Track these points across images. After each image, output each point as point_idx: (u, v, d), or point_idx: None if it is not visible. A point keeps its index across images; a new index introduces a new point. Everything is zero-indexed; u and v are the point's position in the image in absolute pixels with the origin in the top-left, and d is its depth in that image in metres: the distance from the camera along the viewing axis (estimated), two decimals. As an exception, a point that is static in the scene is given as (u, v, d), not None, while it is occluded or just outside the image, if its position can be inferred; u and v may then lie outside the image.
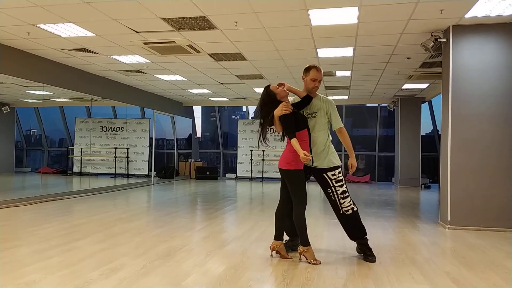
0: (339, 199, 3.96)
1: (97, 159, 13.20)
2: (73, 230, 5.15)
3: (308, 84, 4.09)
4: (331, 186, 3.98)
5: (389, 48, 6.93)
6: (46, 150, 14.43)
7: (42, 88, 8.49)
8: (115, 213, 6.62)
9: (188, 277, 3.36)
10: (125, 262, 3.75)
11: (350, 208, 3.96)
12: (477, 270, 3.67)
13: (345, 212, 3.97)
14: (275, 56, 7.53)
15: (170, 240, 4.67)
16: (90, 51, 7.47)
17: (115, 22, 5.76)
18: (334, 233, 5.12)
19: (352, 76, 9.35)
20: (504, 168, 5.53)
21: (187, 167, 14.93)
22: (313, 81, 4.06)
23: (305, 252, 3.81)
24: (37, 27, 6.03)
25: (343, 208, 3.97)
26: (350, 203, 3.97)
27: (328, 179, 3.99)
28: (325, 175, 3.99)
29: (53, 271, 3.45)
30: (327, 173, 3.99)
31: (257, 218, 6.33)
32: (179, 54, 7.48)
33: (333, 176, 3.99)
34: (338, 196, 3.97)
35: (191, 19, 5.60)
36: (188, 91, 12.13)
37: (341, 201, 3.96)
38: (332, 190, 3.98)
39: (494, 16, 5.30)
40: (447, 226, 5.62)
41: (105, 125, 13.34)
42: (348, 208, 3.96)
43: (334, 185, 3.97)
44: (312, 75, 4.05)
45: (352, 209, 3.97)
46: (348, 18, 5.50)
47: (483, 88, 5.62)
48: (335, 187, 3.97)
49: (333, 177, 3.98)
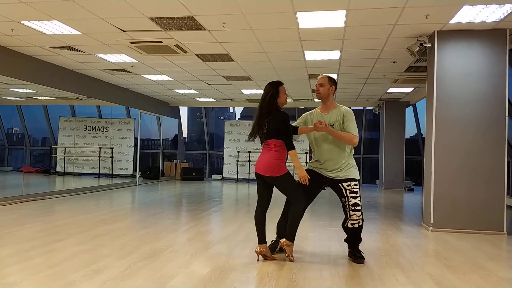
0: (349, 210, 3.94)
1: (81, 159, 13.05)
2: (55, 231, 5.08)
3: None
4: (344, 196, 3.97)
5: (375, 52, 7.00)
6: (29, 149, 14.20)
7: (25, 86, 8.36)
8: (98, 214, 6.54)
9: (173, 278, 3.33)
10: (108, 263, 3.71)
11: (357, 222, 3.94)
12: (459, 272, 3.72)
13: (349, 226, 3.96)
14: (262, 58, 7.54)
15: (155, 241, 4.63)
16: (76, 50, 7.38)
17: (101, 21, 5.71)
18: (319, 235, 5.14)
19: (339, 79, 9.41)
20: (484, 172, 5.62)
21: (173, 168, 14.84)
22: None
23: (287, 246, 3.88)
24: (21, 24, 5.93)
25: (351, 220, 3.94)
26: (359, 217, 3.93)
27: (343, 188, 3.97)
28: (340, 185, 3.99)
29: (34, 272, 3.39)
30: (342, 183, 3.98)
31: (242, 219, 6.32)
32: (166, 54, 7.44)
33: (348, 186, 3.96)
34: (349, 207, 3.94)
35: (179, 19, 5.58)
36: (175, 91, 12.07)
37: (351, 212, 3.93)
38: (345, 199, 3.97)
39: (478, 22, 5.39)
40: (430, 229, 5.69)
41: (90, 125, 13.20)
42: (355, 222, 3.93)
43: (348, 195, 3.95)
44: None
45: (358, 223, 3.94)
46: (335, 22, 5.54)
47: (466, 93, 5.71)
48: (348, 197, 3.94)
49: (348, 187, 3.96)
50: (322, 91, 4.12)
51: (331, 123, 4.00)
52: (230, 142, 14.50)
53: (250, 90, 11.28)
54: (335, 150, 4.01)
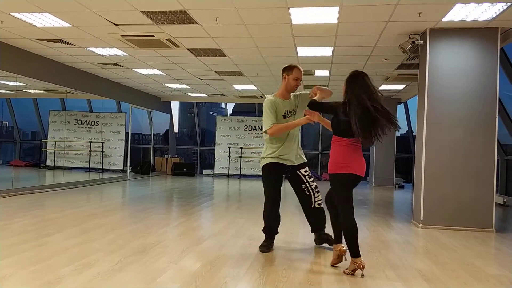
0: (313, 193, 4.20)
1: (71, 153, 12.95)
2: (45, 225, 5.04)
3: (290, 83, 4.11)
4: (305, 182, 4.19)
5: (367, 49, 7.01)
6: (18, 143, 14.05)
7: (15, 78, 8.26)
8: (88, 208, 6.50)
9: (163, 273, 3.33)
10: (98, 258, 3.69)
11: (321, 201, 4.19)
12: (448, 269, 3.76)
13: (318, 205, 4.20)
14: (255, 53, 7.53)
15: (145, 236, 4.62)
16: (66, 42, 7.30)
17: (92, 14, 5.65)
18: (309, 231, 5.15)
19: (331, 76, 9.43)
20: (474, 170, 5.66)
21: (164, 163, 14.79)
22: (296, 80, 4.10)
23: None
24: (11, 15, 5.85)
25: (317, 201, 4.20)
26: (320, 197, 4.18)
27: (302, 175, 4.19)
28: (298, 172, 4.19)
29: (24, 266, 3.36)
30: (300, 170, 4.19)
31: (233, 215, 6.32)
32: (157, 48, 7.39)
33: (306, 172, 4.22)
34: (312, 191, 4.20)
35: (171, 13, 5.54)
36: (166, 86, 12.00)
37: (315, 195, 4.20)
38: (306, 186, 4.19)
39: (470, 20, 5.42)
40: (420, 225, 5.73)
41: (80, 118, 13.10)
42: (320, 201, 4.20)
43: (308, 181, 4.20)
44: (295, 74, 4.10)
45: (322, 202, 4.17)
46: (328, 18, 5.54)
47: (457, 91, 5.74)
48: (309, 183, 4.19)
49: (305, 173, 4.21)
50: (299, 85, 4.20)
51: (294, 107, 4.18)
52: (222, 137, 14.47)
53: (242, 85, 11.25)
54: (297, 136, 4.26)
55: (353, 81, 3.56)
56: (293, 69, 4.10)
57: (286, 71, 4.14)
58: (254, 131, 14.19)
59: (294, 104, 4.18)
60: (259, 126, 14.14)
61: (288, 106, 4.14)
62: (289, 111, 4.14)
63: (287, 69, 4.13)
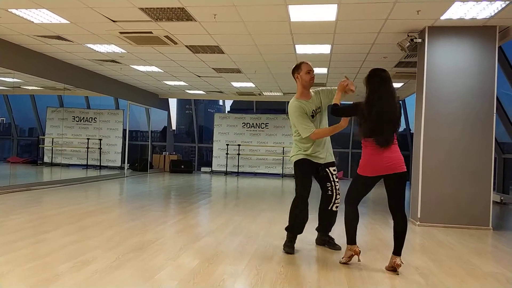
0: (335, 194, 4.11)
1: (68, 150, 12.92)
2: (42, 222, 5.03)
3: (304, 78, 4.03)
4: (331, 181, 4.11)
5: (366, 46, 7.01)
6: (16, 139, 14.01)
7: (13, 75, 8.23)
8: (86, 205, 6.49)
9: (161, 270, 3.33)
10: (96, 255, 3.69)
11: (339, 204, 4.14)
12: (445, 266, 3.77)
13: (335, 208, 4.13)
14: (253, 50, 7.51)
15: (143, 234, 4.62)
16: (64, 39, 7.28)
17: (90, 10, 5.62)
18: (307, 228, 5.15)
19: (329, 74, 9.42)
20: (471, 168, 5.67)
21: (161, 160, 14.77)
22: (309, 73, 4.04)
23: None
24: (8, 12, 5.82)
25: (336, 203, 4.13)
26: (340, 199, 4.10)
27: (330, 173, 4.11)
28: (327, 170, 4.11)
29: (21, 264, 3.35)
30: (329, 167, 4.12)
31: (231, 212, 6.33)
32: (156, 45, 7.37)
33: (334, 171, 4.15)
34: (336, 191, 4.11)
35: (169, 10, 5.52)
36: (164, 83, 11.98)
37: (337, 196, 4.12)
38: (331, 184, 4.11)
39: (468, 19, 5.42)
40: (417, 223, 5.75)
41: (78, 115, 13.07)
42: (338, 205, 4.14)
43: (334, 180, 4.12)
44: (305, 68, 4.04)
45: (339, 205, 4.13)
46: (327, 15, 5.53)
47: (455, 89, 5.75)
48: (335, 182, 4.11)
49: (334, 172, 4.14)
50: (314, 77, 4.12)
51: (318, 105, 4.08)
52: (220, 135, 14.47)
53: (240, 83, 11.24)
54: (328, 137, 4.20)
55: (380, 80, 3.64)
56: (301, 65, 4.07)
57: (296, 71, 4.09)
58: (252, 129, 14.18)
59: (317, 101, 4.10)
60: (257, 124, 14.13)
61: (313, 105, 4.06)
62: (315, 110, 4.06)
63: (296, 69, 4.09)
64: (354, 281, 3.25)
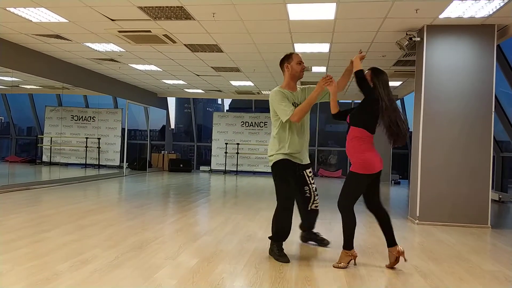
0: (314, 195, 4.08)
1: (67, 149, 12.90)
2: (41, 221, 5.03)
3: (294, 68, 3.88)
4: (308, 184, 4.04)
5: (364, 45, 7.01)
6: (14, 138, 13.99)
7: (11, 74, 8.21)
8: (85, 204, 6.49)
9: (160, 269, 3.33)
10: (96, 254, 3.69)
11: (318, 203, 4.15)
12: (444, 264, 3.78)
13: (315, 207, 4.13)
14: (252, 49, 7.51)
15: (142, 233, 4.62)
16: (63, 38, 7.26)
17: (89, 9, 5.62)
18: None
19: (328, 72, 9.42)
20: (470, 166, 5.69)
21: (160, 159, 14.77)
22: (300, 64, 3.91)
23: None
24: (6, 10, 5.81)
25: (315, 203, 4.11)
26: (319, 199, 4.14)
27: (306, 176, 4.04)
28: (304, 173, 4.03)
29: (20, 263, 3.36)
30: (305, 170, 4.03)
31: (230, 211, 6.33)
32: (154, 43, 7.37)
33: (310, 173, 4.07)
34: (313, 193, 4.08)
35: (168, 8, 5.52)
36: (163, 82, 11.97)
37: (315, 198, 4.10)
38: (308, 187, 4.05)
39: (467, 17, 5.43)
40: (416, 222, 5.76)
41: (76, 114, 13.05)
42: (318, 204, 4.14)
43: (311, 182, 4.06)
44: (296, 58, 3.91)
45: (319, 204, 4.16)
46: (325, 14, 5.53)
47: (454, 88, 5.75)
48: (311, 184, 4.06)
49: (310, 174, 4.07)
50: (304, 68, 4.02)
51: (302, 101, 3.84)
52: (218, 134, 14.47)
53: (239, 81, 11.23)
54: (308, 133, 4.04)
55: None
56: (291, 55, 3.94)
57: (286, 60, 3.93)
58: (250, 127, 14.18)
59: (302, 98, 3.90)
60: (255, 122, 14.13)
61: (297, 99, 3.87)
62: (297, 104, 3.83)
63: (286, 58, 3.94)
64: (353, 280, 3.25)
